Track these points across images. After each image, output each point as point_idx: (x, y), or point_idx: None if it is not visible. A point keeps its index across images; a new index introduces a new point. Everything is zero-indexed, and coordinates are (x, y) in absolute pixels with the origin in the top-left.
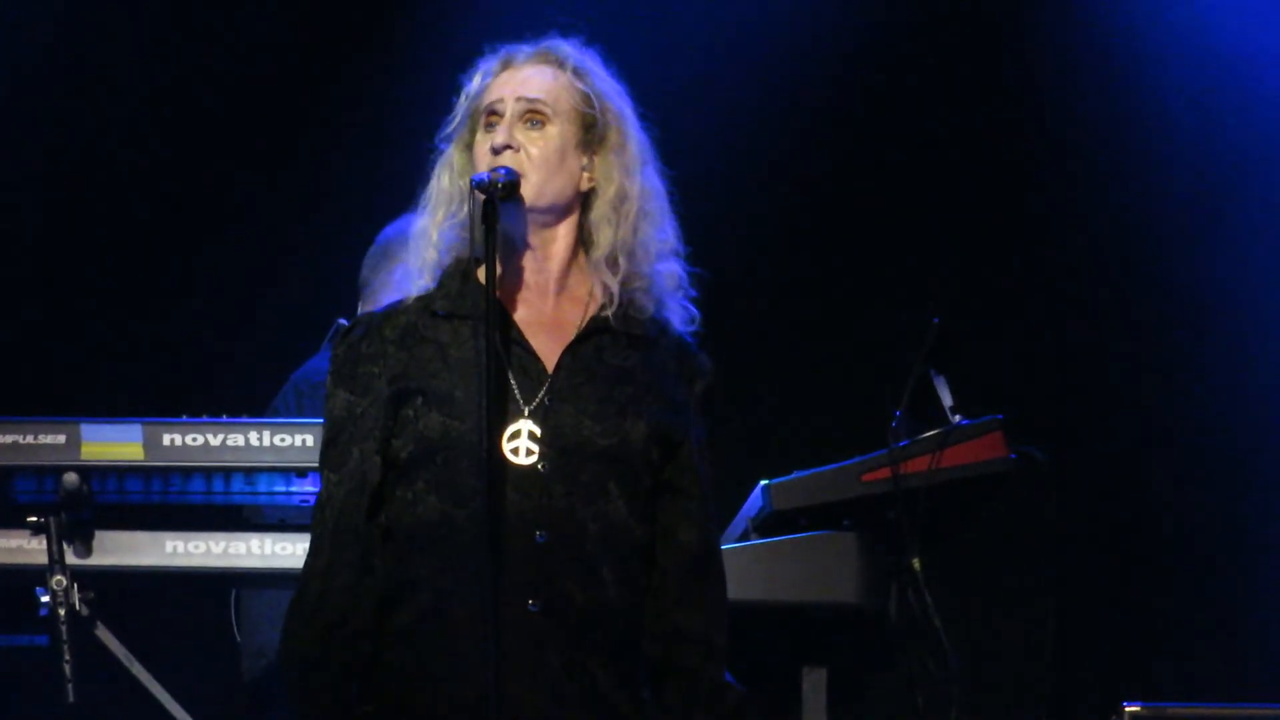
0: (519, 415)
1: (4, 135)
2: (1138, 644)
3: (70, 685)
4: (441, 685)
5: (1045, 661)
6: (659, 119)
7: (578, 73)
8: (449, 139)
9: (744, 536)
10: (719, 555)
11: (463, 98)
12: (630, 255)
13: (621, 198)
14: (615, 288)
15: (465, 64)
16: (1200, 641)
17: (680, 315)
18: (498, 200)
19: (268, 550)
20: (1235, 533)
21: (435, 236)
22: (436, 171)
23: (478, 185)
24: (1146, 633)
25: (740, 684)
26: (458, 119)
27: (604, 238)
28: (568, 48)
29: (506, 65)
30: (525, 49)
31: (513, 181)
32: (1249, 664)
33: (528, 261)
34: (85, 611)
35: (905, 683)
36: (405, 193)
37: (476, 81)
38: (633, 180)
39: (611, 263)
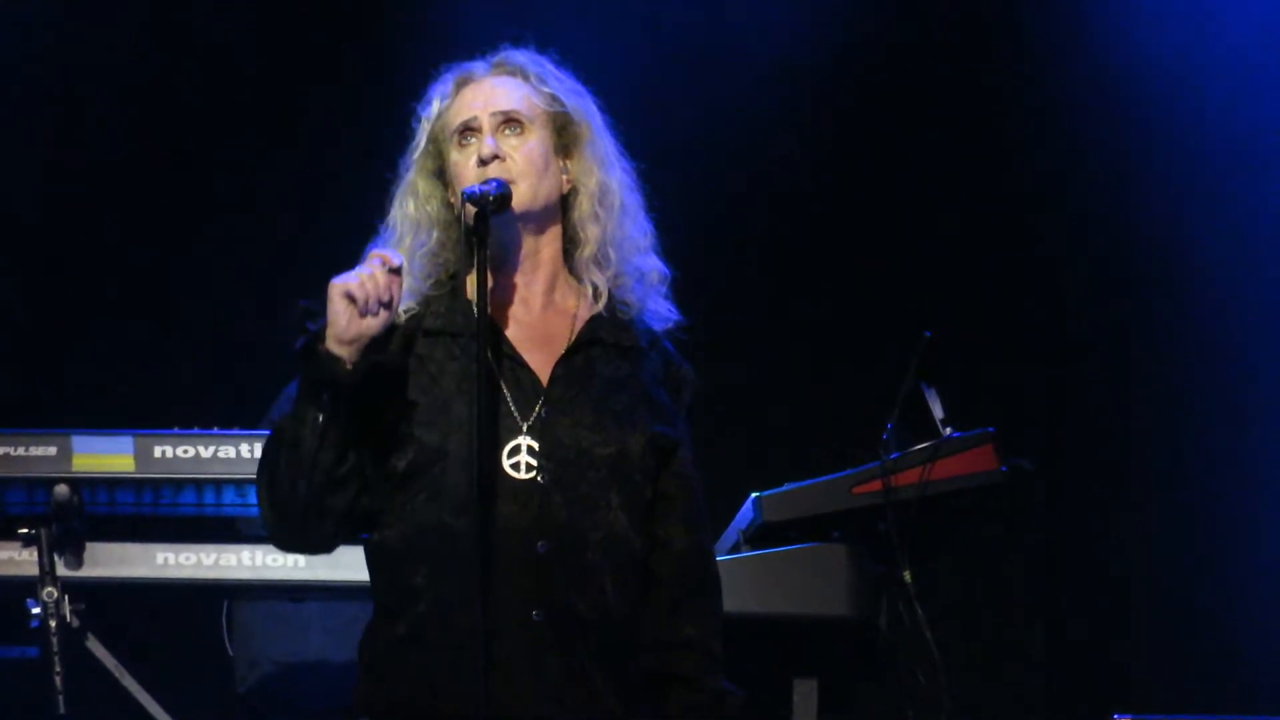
0: (517, 431)
1: None
2: (1127, 655)
3: (61, 697)
4: (443, 694)
5: (1035, 673)
6: (654, 126)
7: (539, 78)
8: (409, 165)
9: (735, 548)
10: (713, 562)
11: (422, 123)
12: (618, 249)
13: (604, 190)
14: (605, 286)
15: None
16: (1189, 653)
17: (662, 312)
18: (489, 213)
19: (259, 562)
20: (1224, 545)
21: (407, 264)
22: (399, 199)
23: (469, 198)
24: (1136, 644)
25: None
26: (420, 145)
27: (592, 235)
28: (522, 56)
29: (464, 84)
30: (480, 64)
31: (504, 194)
32: (1238, 676)
33: (517, 276)
34: (76, 623)
35: (896, 694)
36: None
37: (435, 105)
38: (610, 173)
39: (602, 259)
